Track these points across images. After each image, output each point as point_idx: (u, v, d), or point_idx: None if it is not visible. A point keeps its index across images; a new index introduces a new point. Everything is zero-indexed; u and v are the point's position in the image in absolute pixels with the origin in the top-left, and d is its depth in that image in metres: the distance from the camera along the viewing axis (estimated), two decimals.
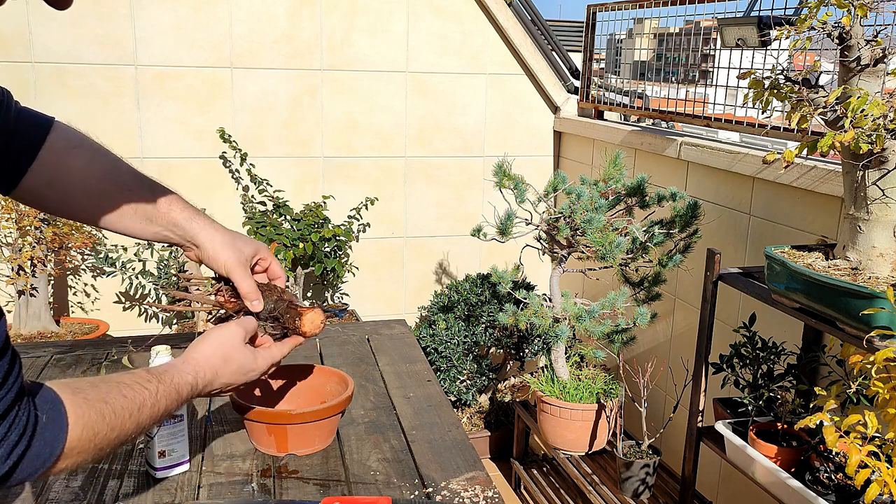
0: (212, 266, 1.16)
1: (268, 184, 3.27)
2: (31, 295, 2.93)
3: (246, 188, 3.32)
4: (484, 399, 3.38)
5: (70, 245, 2.95)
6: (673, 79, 3.04)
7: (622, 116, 3.49)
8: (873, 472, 1.29)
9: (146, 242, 3.21)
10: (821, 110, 1.49)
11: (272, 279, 1.22)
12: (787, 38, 1.54)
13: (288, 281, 3.16)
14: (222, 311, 1.18)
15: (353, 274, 3.48)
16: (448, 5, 3.41)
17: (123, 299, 3.31)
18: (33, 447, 0.76)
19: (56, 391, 0.80)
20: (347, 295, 3.55)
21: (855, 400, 1.66)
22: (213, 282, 1.19)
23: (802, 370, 1.95)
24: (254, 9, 3.18)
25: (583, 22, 3.48)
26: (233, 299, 1.16)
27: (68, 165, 1.08)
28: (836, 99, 1.47)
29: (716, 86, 2.69)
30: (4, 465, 0.74)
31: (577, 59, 3.67)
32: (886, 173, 1.48)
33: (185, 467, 1.31)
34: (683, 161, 2.69)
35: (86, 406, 0.82)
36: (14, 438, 0.74)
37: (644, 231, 2.40)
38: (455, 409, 2.77)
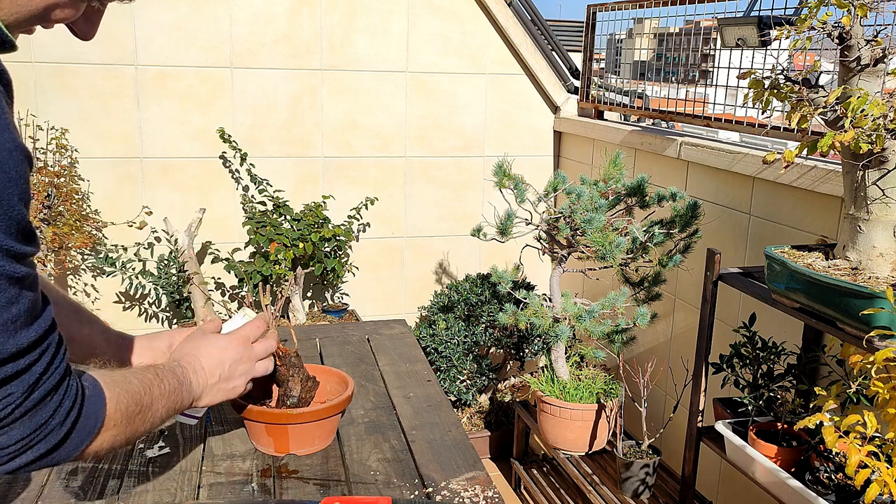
0: None
1: (268, 184, 3.27)
2: None
3: (246, 188, 3.32)
4: (484, 399, 3.38)
5: (70, 245, 2.95)
6: (673, 79, 3.04)
7: (622, 116, 3.49)
8: (873, 472, 1.29)
9: (146, 242, 3.21)
10: (821, 110, 1.49)
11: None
12: (787, 38, 1.54)
13: (287, 281, 3.16)
14: None
15: (353, 274, 3.48)
16: (448, 5, 3.41)
17: (123, 299, 3.31)
18: (82, 417, 0.81)
19: (87, 371, 0.86)
20: (347, 295, 3.55)
21: (855, 400, 1.66)
22: None
23: (802, 370, 1.95)
24: (254, 9, 3.18)
25: (583, 22, 3.48)
26: None
27: None
28: (836, 99, 1.47)
29: (716, 86, 2.69)
30: (60, 431, 0.78)
31: (577, 59, 3.67)
32: (886, 173, 1.48)
33: (197, 421, 1.30)
34: (683, 161, 2.69)
35: (113, 384, 0.88)
36: (68, 405, 0.79)
37: (644, 231, 2.40)
38: (455, 409, 2.77)
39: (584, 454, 2.59)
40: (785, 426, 1.90)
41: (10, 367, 0.71)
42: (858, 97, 1.40)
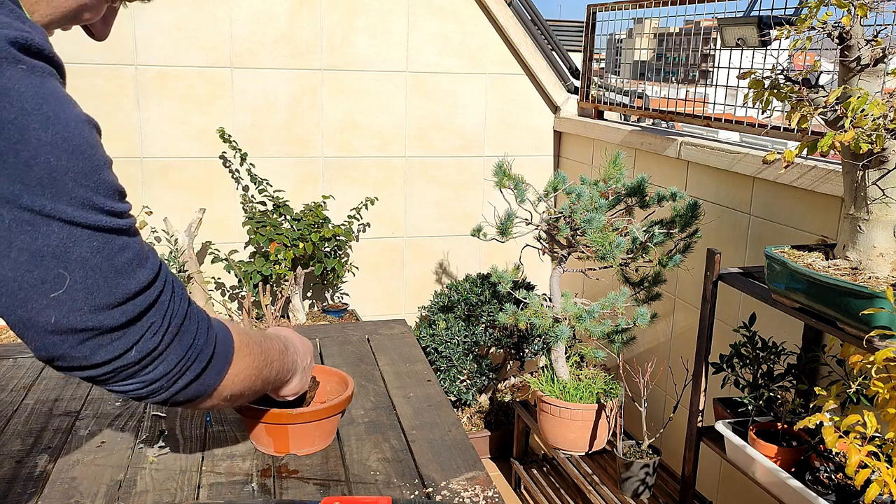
0: None
1: (268, 184, 3.27)
2: None
3: (246, 188, 3.32)
4: (484, 399, 3.38)
5: None
6: (673, 79, 3.04)
7: (622, 116, 3.49)
8: (873, 472, 1.29)
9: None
10: (821, 110, 1.49)
11: None
12: (787, 38, 1.54)
13: (287, 281, 3.16)
14: None
15: (353, 274, 3.48)
16: (448, 5, 3.41)
17: None
18: (218, 338, 0.88)
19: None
20: (347, 295, 3.55)
21: (855, 400, 1.66)
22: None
23: (802, 370, 1.95)
24: (254, 9, 3.18)
25: (583, 22, 3.48)
26: None
27: None
28: (836, 99, 1.47)
29: (716, 86, 2.69)
30: (207, 350, 0.85)
31: (577, 59, 3.67)
32: (886, 173, 1.48)
33: None
34: (683, 161, 2.69)
35: (224, 322, 0.94)
36: (205, 326, 0.86)
37: (644, 231, 2.40)
38: (455, 409, 2.77)
39: (584, 454, 2.59)
40: (785, 426, 1.90)
41: (141, 301, 0.78)
42: (858, 97, 1.40)
